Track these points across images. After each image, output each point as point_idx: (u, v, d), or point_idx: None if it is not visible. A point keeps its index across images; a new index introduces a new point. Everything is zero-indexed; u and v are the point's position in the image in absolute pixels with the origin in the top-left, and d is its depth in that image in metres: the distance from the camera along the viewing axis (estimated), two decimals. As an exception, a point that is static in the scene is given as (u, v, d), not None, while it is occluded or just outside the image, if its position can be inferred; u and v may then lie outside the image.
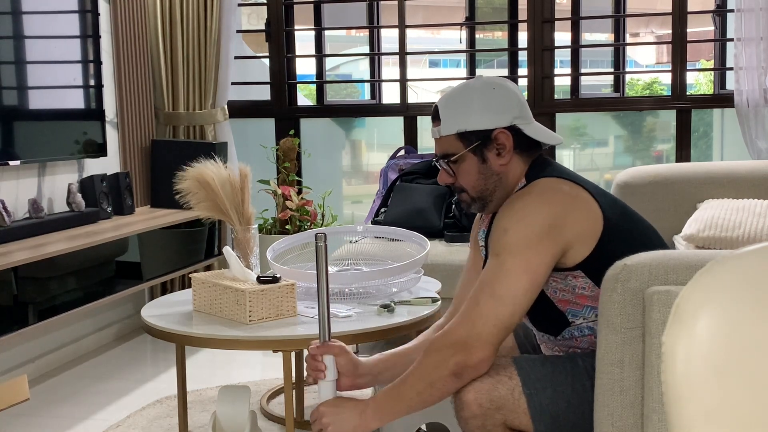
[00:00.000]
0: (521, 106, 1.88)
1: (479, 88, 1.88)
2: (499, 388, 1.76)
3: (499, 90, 1.87)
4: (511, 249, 1.73)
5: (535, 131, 1.87)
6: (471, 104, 1.86)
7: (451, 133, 1.87)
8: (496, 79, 1.91)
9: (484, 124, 1.85)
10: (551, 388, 1.78)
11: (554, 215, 1.75)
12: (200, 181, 2.78)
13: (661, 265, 1.63)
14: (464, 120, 1.86)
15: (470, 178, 1.88)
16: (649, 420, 1.61)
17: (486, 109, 1.85)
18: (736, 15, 4.05)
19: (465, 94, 1.88)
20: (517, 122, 1.86)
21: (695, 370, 0.74)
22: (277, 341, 2.37)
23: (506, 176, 1.87)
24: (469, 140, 1.86)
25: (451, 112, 1.87)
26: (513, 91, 1.89)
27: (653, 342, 1.59)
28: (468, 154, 1.86)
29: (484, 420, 1.76)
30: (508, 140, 1.85)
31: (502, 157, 1.85)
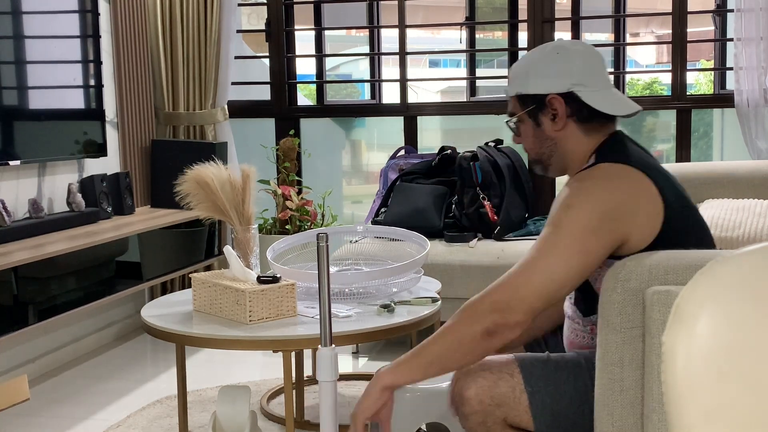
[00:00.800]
0: (585, 72, 1.85)
1: (546, 51, 1.88)
2: (500, 385, 1.76)
3: (563, 54, 1.86)
4: (570, 228, 1.71)
5: (596, 100, 1.84)
6: (532, 67, 1.88)
7: (513, 94, 1.91)
8: (567, 43, 1.92)
9: (538, 89, 1.86)
10: (553, 386, 1.78)
11: (619, 204, 1.73)
12: (200, 182, 2.78)
13: (661, 265, 1.63)
14: (523, 83, 1.88)
15: (528, 141, 1.92)
16: (649, 420, 1.61)
17: (544, 73, 1.86)
18: (736, 15, 4.05)
19: (531, 57, 1.90)
20: (575, 89, 1.83)
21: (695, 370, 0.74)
22: (277, 341, 2.37)
23: (563, 142, 1.87)
24: (525, 103, 1.88)
25: (515, 74, 1.91)
26: (580, 57, 1.86)
27: (653, 342, 1.59)
28: (524, 116, 1.89)
29: (484, 417, 1.76)
30: (561, 106, 1.84)
31: (556, 123, 1.85)
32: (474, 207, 3.90)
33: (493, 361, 1.82)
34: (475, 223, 3.89)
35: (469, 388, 1.76)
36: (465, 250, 3.72)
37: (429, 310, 2.55)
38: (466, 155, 4.06)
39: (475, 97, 4.74)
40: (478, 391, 1.76)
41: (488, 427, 1.77)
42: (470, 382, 1.77)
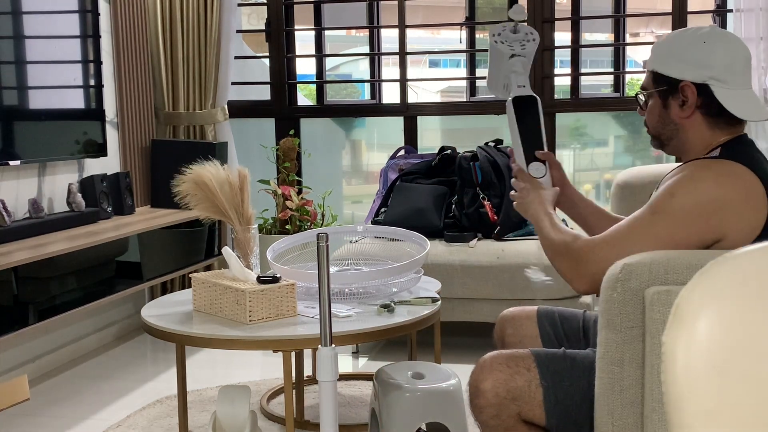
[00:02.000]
0: (726, 68, 1.81)
1: (694, 36, 1.85)
2: (516, 379, 1.77)
3: (709, 44, 1.82)
4: (668, 215, 1.73)
5: (728, 98, 1.80)
6: (674, 49, 1.86)
7: (650, 69, 1.90)
8: (718, 34, 1.86)
9: (674, 72, 1.84)
10: (568, 382, 1.79)
11: (725, 202, 1.72)
12: (198, 183, 2.78)
13: (661, 265, 1.63)
14: (662, 61, 1.87)
15: (651, 117, 1.91)
16: (649, 419, 1.61)
17: (684, 58, 1.83)
18: (736, 15, 4.05)
19: (679, 37, 1.87)
20: (711, 82, 1.80)
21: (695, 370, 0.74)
22: (277, 341, 2.37)
23: (686, 130, 1.85)
24: (658, 82, 1.87)
25: (657, 49, 1.89)
26: (725, 50, 1.82)
27: (653, 342, 1.59)
28: (654, 94, 1.89)
29: (498, 410, 1.77)
30: (692, 95, 1.82)
31: (684, 110, 1.84)
32: (474, 207, 3.90)
33: (510, 355, 1.83)
34: (475, 223, 3.89)
35: (485, 380, 1.77)
36: (465, 250, 3.72)
37: (429, 310, 2.55)
38: (466, 155, 4.06)
39: (475, 97, 4.74)
40: (495, 383, 1.77)
41: (501, 421, 1.78)
42: (487, 375, 1.78)
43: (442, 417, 2.32)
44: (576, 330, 2.12)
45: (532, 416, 1.78)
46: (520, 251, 3.65)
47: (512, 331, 2.19)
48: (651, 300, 1.60)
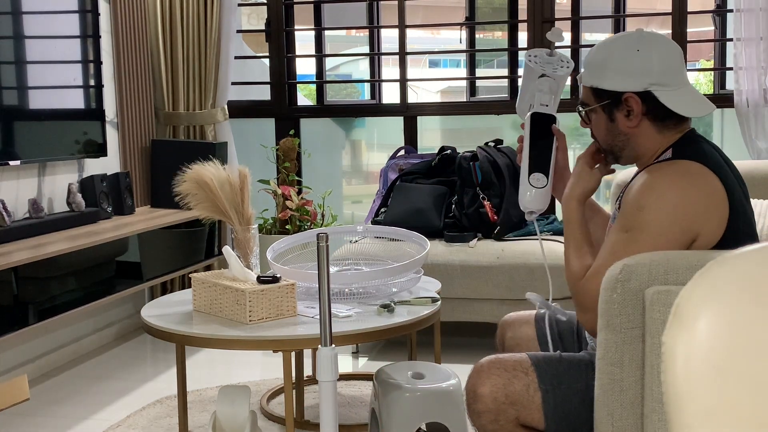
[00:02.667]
0: (664, 72, 1.81)
1: (626, 44, 1.83)
2: (514, 384, 1.77)
3: (643, 52, 1.81)
4: (642, 229, 1.72)
5: (672, 100, 1.81)
6: (609, 61, 1.84)
7: (588, 85, 1.88)
8: (648, 37, 1.85)
9: (615, 86, 1.83)
10: (566, 385, 1.79)
11: (691, 203, 1.73)
12: (199, 182, 2.78)
13: (660, 265, 1.63)
14: (599, 75, 1.85)
15: (600, 132, 1.90)
16: (649, 419, 1.61)
17: (621, 70, 1.82)
18: (736, 15, 4.05)
19: (611, 49, 1.85)
20: (653, 88, 1.80)
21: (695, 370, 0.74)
22: (277, 341, 2.37)
23: (636, 138, 1.85)
24: (600, 97, 1.86)
25: (592, 64, 1.87)
26: (660, 54, 1.82)
27: (653, 342, 1.59)
28: (598, 109, 1.87)
29: (497, 414, 1.76)
30: (637, 105, 1.81)
31: (630, 120, 1.83)
32: (474, 207, 3.90)
33: (507, 359, 1.83)
34: (475, 223, 3.89)
35: (483, 385, 1.77)
36: (465, 250, 3.72)
37: (429, 310, 2.55)
38: (466, 155, 4.06)
39: (475, 97, 4.74)
40: (493, 388, 1.76)
41: (500, 425, 1.77)
42: (484, 379, 1.77)
43: (442, 417, 2.32)
44: (570, 332, 2.12)
45: (531, 420, 1.78)
46: (521, 251, 3.65)
47: (511, 334, 2.20)
48: (651, 300, 1.60)
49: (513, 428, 1.78)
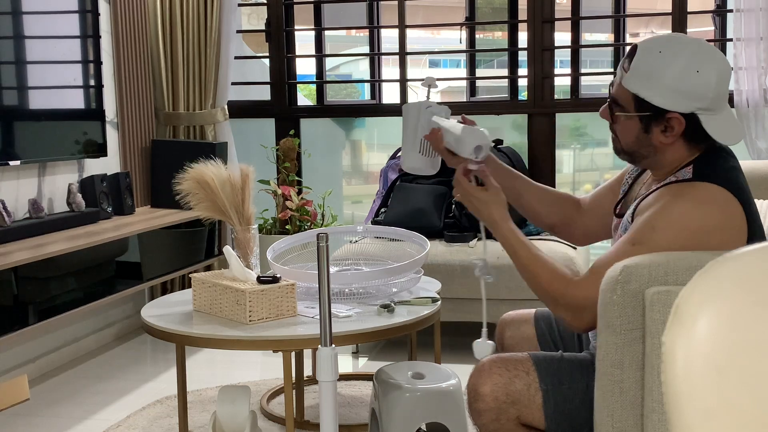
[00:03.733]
0: (715, 97, 1.73)
1: (685, 63, 1.72)
2: (515, 383, 1.77)
3: (703, 74, 1.72)
4: (651, 248, 1.69)
5: (713, 126, 1.74)
6: (664, 75, 1.73)
7: (632, 90, 1.77)
8: (708, 57, 1.74)
9: (664, 103, 1.74)
10: (567, 385, 1.79)
11: (706, 231, 1.69)
12: (200, 181, 2.78)
13: (660, 267, 1.63)
14: (649, 87, 1.75)
15: (626, 136, 1.82)
16: (649, 420, 1.61)
17: (676, 89, 1.72)
18: (736, 15, 4.05)
19: (667, 61, 1.73)
20: (699, 112, 1.73)
21: (695, 370, 0.74)
22: (277, 341, 2.37)
23: (663, 152, 1.80)
24: (642, 107, 1.77)
25: (643, 70, 1.75)
26: (717, 79, 1.73)
27: (654, 342, 1.59)
28: (635, 116, 1.79)
29: (498, 414, 1.77)
30: (679, 126, 1.75)
31: (666, 137, 1.76)
32: (474, 207, 3.90)
33: (509, 358, 1.83)
34: (475, 223, 3.88)
35: (484, 384, 1.77)
36: (465, 250, 3.72)
37: (429, 310, 2.55)
38: (466, 155, 4.05)
39: (475, 97, 4.74)
40: (494, 387, 1.77)
41: (501, 425, 1.78)
42: (486, 378, 1.78)
43: (442, 417, 2.32)
44: (571, 332, 2.12)
45: (532, 420, 1.78)
46: (520, 251, 3.65)
47: (511, 333, 2.20)
48: (651, 300, 1.60)
49: (514, 427, 1.78)
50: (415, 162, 2.05)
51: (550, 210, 2.12)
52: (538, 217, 2.15)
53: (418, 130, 2.04)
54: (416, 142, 2.04)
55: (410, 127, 2.05)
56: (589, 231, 2.13)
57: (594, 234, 2.14)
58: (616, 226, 1.95)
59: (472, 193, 1.89)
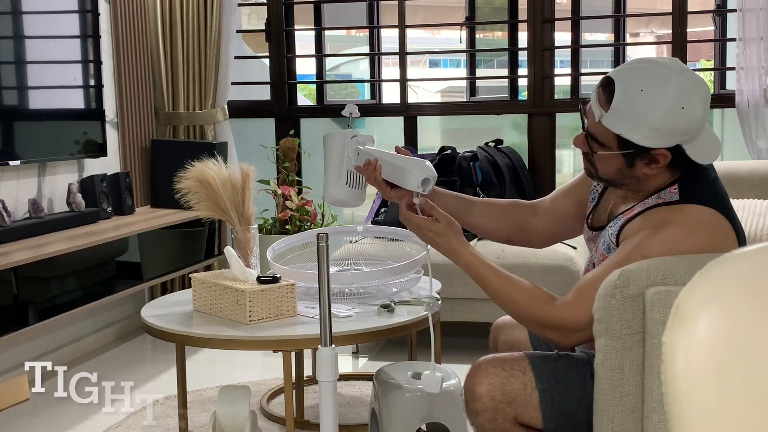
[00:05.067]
0: (699, 125, 1.71)
1: (670, 99, 1.67)
2: (512, 382, 1.77)
3: (688, 110, 1.68)
4: None
5: (696, 151, 1.72)
6: (647, 117, 1.68)
7: (614, 131, 1.72)
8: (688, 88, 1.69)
9: (649, 143, 1.70)
10: (563, 384, 1.79)
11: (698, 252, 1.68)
12: (201, 180, 2.78)
13: (659, 270, 1.63)
14: (633, 130, 1.70)
15: (607, 170, 1.79)
16: (649, 420, 1.61)
17: (660, 129, 1.68)
18: (737, 15, 4.05)
19: (651, 99, 1.68)
20: (684, 143, 1.71)
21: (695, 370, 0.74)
22: (277, 341, 2.37)
23: (647, 181, 1.77)
24: (625, 145, 1.72)
25: (625, 113, 1.70)
26: (701, 110, 1.71)
27: (654, 342, 1.59)
28: (617, 154, 1.75)
29: (495, 413, 1.76)
30: (664, 159, 1.72)
31: (651, 168, 1.74)
32: (474, 207, 3.90)
33: (505, 358, 1.83)
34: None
35: (481, 384, 1.77)
36: (465, 250, 3.72)
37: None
38: (466, 155, 4.06)
39: (475, 97, 4.74)
40: (490, 387, 1.76)
41: (498, 424, 1.78)
42: (482, 378, 1.77)
43: (442, 417, 2.32)
44: None
45: (529, 419, 1.78)
46: (521, 251, 3.64)
47: (504, 337, 2.20)
48: (651, 300, 1.59)
49: (511, 427, 1.78)
50: (340, 195, 1.96)
51: (503, 224, 2.10)
52: (490, 235, 2.14)
53: (344, 162, 1.94)
54: (342, 174, 1.95)
55: (334, 158, 1.95)
56: (547, 234, 2.12)
57: (553, 236, 2.14)
58: (591, 238, 1.94)
59: (427, 227, 1.86)
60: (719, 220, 1.72)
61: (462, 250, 1.86)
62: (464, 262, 1.87)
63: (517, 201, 2.15)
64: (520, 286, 1.81)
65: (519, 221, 2.11)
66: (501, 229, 2.11)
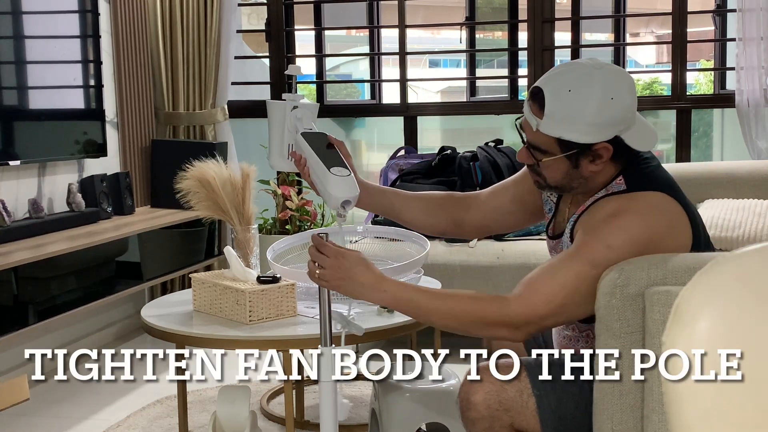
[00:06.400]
0: (632, 112, 1.75)
1: (598, 93, 1.71)
2: (507, 390, 1.75)
3: (617, 99, 1.72)
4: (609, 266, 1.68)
5: (634, 139, 1.76)
6: (583, 114, 1.71)
7: (553, 135, 1.75)
8: (616, 78, 1.74)
9: (588, 138, 1.73)
10: (560, 388, 1.77)
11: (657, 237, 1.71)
12: (201, 180, 2.78)
13: (659, 269, 1.63)
14: (570, 130, 1.73)
15: (555, 175, 1.81)
16: (649, 420, 1.60)
17: (598, 123, 1.72)
18: (737, 15, 4.05)
19: (580, 97, 1.72)
20: (621, 133, 1.75)
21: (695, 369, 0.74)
22: (277, 341, 2.37)
23: (594, 178, 1.80)
24: (566, 147, 1.75)
25: (559, 115, 1.73)
26: (630, 97, 1.75)
27: (653, 342, 1.59)
28: (561, 157, 1.77)
29: (491, 422, 1.75)
30: (607, 153, 1.75)
31: (596, 164, 1.77)
32: (474, 207, 3.90)
33: (500, 365, 1.82)
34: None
35: (476, 393, 1.76)
36: (465, 250, 3.72)
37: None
38: (466, 155, 4.06)
39: (475, 97, 4.74)
40: (486, 396, 1.75)
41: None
42: (477, 387, 1.76)
43: (442, 417, 2.32)
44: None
45: (526, 426, 1.77)
46: (520, 251, 3.65)
47: (497, 340, 2.19)
48: (651, 300, 1.59)
49: None
50: (283, 167, 1.93)
51: (436, 218, 2.10)
52: (425, 230, 2.14)
53: (284, 135, 1.90)
54: (284, 148, 1.91)
55: (276, 128, 1.91)
56: (479, 228, 2.14)
57: (486, 229, 2.17)
58: (553, 247, 1.96)
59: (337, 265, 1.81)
60: (669, 203, 1.75)
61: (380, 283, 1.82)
62: (390, 295, 1.81)
63: (451, 195, 2.15)
64: (459, 296, 1.79)
65: (452, 217, 2.11)
66: (436, 225, 2.12)
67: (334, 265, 1.82)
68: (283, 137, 1.90)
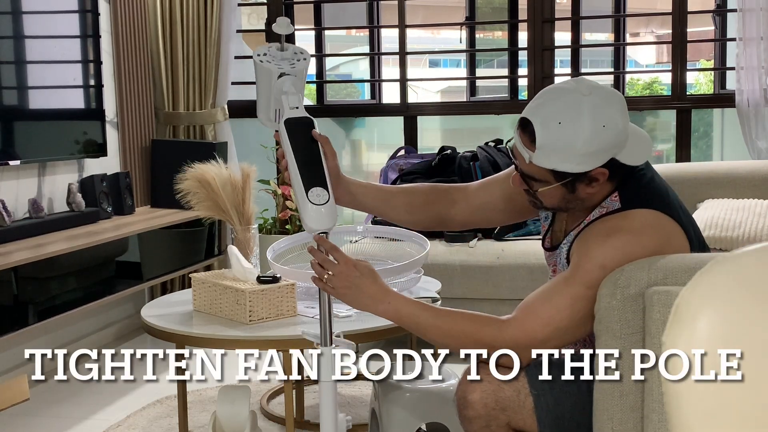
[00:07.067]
0: (625, 134, 1.73)
1: (589, 122, 1.68)
2: (505, 389, 1.75)
3: (609, 126, 1.69)
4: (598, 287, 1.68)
5: (629, 157, 1.75)
6: (574, 146, 1.69)
7: (546, 167, 1.73)
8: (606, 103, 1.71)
9: (583, 168, 1.71)
10: (558, 388, 1.77)
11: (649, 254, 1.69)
12: (201, 180, 2.78)
13: (659, 270, 1.63)
14: (564, 160, 1.71)
15: (551, 201, 1.81)
16: (649, 420, 1.60)
17: (589, 153, 1.70)
18: (737, 15, 4.05)
19: (571, 129, 1.68)
20: (616, 155, 1.73)
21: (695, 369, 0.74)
22: (277, 341, 2.37)
23: (590, 199, 1.79)
24: (562, 176, 1.74)
25: (551, 148, 1.70)
26: (621, 119, 1.72)
27: (653, 342, 1.59)
28: (557, 185, 1.76)
29: (488, 421, 1.75)
30: (603, 176, 1.74)
31: (593, 187, 1.76)
32: (474, 207, 3.90)
33: (497, 363, 1.82)
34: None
35: (473, 392, 1.76)
36: (465, 250, 3.72)
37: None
38: (466, 155, 4.06)
39: (475, 97, 4.74)
40: (483, 395, 1.75)
41: (491, 431, 1.76)
42: (474, 386, 1.76)
43: (442, 417, 2.32)
44: None
45: (524, 425, 1.77)
46: (520, 251, 3.65)
47: None
48: (651, 300, 1.59)
49: None
50: (271, 127, 1.90)
51: (422, 215, 2.09)
52: (413, 226, 2.16)
53: (271, 100, 1.85)
54: (270, 111, 1.85)
55: (263, 91, 1.86)
56: (463, 222, 2.12)
57: (470, 224, 2.15)
58: (547, 258, 1.96)
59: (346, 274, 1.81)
60: (662, 219, 1.74)
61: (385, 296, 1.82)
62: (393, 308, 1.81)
63: (437, 188, 2.11)
64: (462, 315, 1.81)
65: (437, 213, 2.10)
66: (424, 221, 2.12)
67: (344, 272, 1.83)
68: (269, 101, 1.85)
